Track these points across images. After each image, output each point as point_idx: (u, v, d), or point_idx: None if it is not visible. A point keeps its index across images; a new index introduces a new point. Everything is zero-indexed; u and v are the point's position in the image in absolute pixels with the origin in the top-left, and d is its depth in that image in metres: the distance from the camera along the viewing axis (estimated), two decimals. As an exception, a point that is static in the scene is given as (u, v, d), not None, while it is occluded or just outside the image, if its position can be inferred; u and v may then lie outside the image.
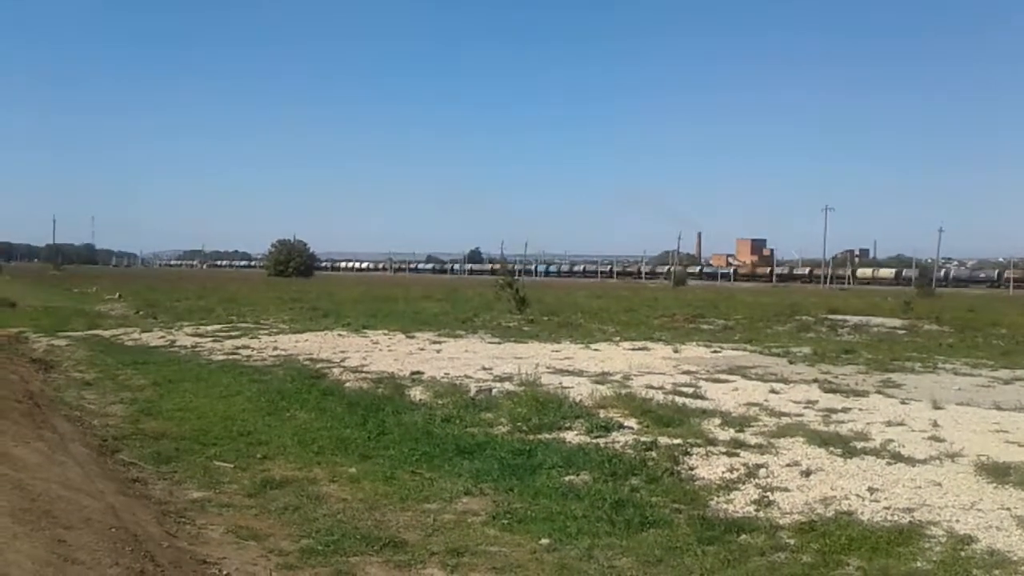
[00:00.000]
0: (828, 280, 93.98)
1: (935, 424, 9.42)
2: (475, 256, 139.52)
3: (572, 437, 8.82)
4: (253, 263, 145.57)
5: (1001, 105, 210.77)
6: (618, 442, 8.56)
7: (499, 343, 18.65)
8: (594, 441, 8.61)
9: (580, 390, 11.30)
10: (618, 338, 20.13)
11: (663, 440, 8.54)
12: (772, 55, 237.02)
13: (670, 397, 10.80)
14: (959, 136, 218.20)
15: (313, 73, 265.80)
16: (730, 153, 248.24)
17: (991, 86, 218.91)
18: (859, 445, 8.33)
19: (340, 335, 20.05)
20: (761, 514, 6.43)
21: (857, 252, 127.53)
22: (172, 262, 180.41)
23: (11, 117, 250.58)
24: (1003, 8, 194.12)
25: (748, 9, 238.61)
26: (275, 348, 17.09)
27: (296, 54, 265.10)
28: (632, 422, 9.42)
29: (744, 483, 7.21)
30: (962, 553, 5.54)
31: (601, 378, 12.82)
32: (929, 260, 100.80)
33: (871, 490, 6.92)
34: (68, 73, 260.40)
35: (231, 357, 15.62)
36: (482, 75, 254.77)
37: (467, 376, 12.85)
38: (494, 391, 11.23)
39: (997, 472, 7.25)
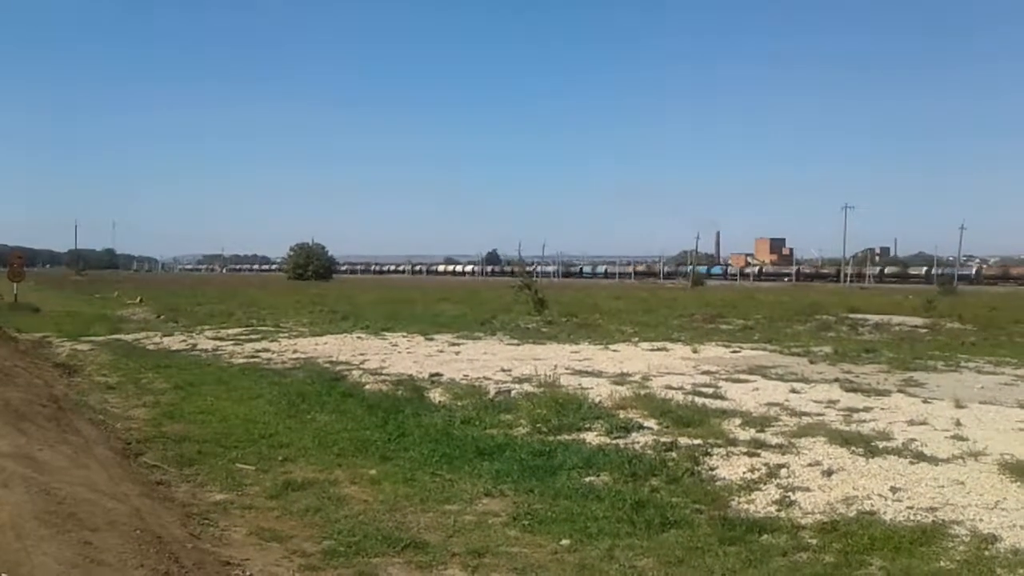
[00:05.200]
0: (846, 279, 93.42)
1: (958, 423, 9.36)
2: (493, 258, 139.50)
3: (592, 438, 8.81)
4: (272, 267, 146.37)
5: (1020, 102, 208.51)
6: (638, 443, 8.55)
7: (518, 344, 18.66)
8: (614, 442, 8.60)
9: (599, 391, 11.29)
10: (637, 339, 20.09)
11: (683, 440, 8.52)
12: (790, 55, 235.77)
13: (690, 397, 10.77)
14: (979, 133, 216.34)
15: (330, 76, 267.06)
16: (750, 153, 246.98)
17: (1012, 83, 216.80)
18: (881, 444, 8.28)
19: (359, 338, 20.15)
20: (782, 514, 6.40)
21: (878, 250, 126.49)
22: (192, 266, 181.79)
23: (32, 124, 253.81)
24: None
25: (767, 9, 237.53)
26: (295, 351, 17.18)
27: (312, 58, 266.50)
28: (652, 423, 9.41)
29: (765, 483, 7.18)
30: (986, 552, 5.50)
31: (620, 379, 12.80)
32: (950, 258, 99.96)
33: (893, 489, 6.88)
34: (89, 79, 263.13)
35: (252, 360, 15.72)
36: (504, 74, 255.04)
37: (486, 378, 12.88)
38: (513, 392, 11.24)
39: (1021, 471, 7.19)
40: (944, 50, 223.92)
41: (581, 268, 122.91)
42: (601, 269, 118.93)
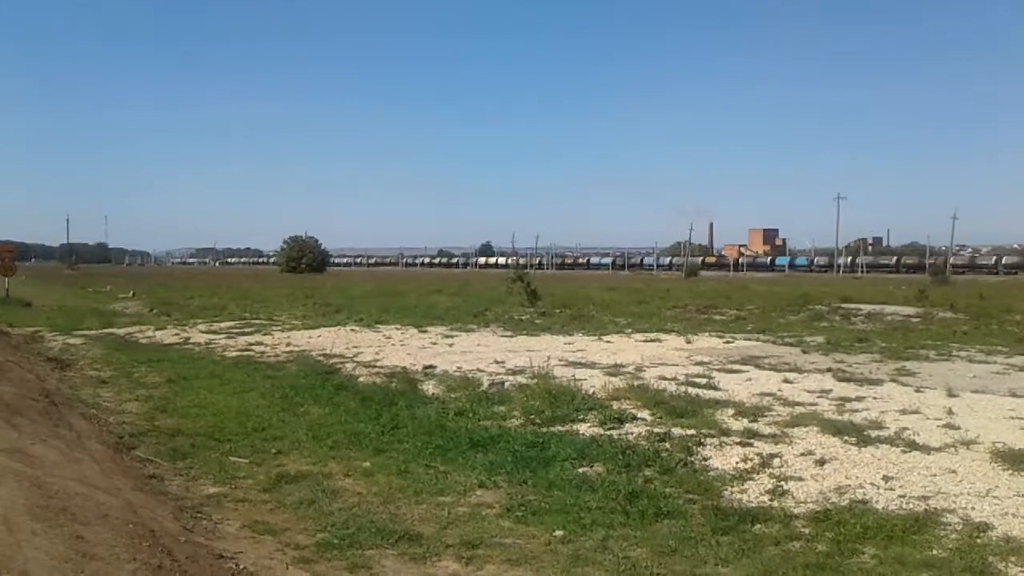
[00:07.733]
0: (838, 269, 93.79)
1: (950, 412, 9.39)
2: (486, 250, 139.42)
3: (585, 429, 8.82)
4: (265, 260, 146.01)
5: (1013, 91, 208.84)
6: (631, 433, 8.56)
7: (511, 336, 18.66)
8: (607, 433, 8.61)
9: (593, 382, 11.30)
10: (630, 330, 20.11)
11: (676, 431, 8.53)
12: (783, 47, 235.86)
13: (683, 388, 10.78)
14: (972, 122, 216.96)
15: (322, 70, 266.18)
16: (744, 144, 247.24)
17: (1003, 73, 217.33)
18: (873, 434, 8.31)
19: (353, 330, 20.11)
20: (775, 504, 6.42)
21: (870, 240, 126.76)
22: (185, 260, 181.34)
23: (25, 119, 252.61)
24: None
25: (759, 1, 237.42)
26: (288, 344, 17.15)
27: (305, 51, 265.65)
28: (645, 413, 9.42)
29: (758, 473, 7.20)
30: (978, 540, 5.52)
31: (614, 370, 12.81)
32: (943, 247, 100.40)
33: (886, 478, 6.91)
34: (80, 74, 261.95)
35: (245, 354, 15.69)
36: (496, 67, 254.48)
37: (480, 370, 12.88)
38: (507, 384, 11.24)
39: (1013, 459, 7.23)
40: (938, 39, 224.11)
41: (643, 259, 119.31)
42: (666, 260, 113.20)
